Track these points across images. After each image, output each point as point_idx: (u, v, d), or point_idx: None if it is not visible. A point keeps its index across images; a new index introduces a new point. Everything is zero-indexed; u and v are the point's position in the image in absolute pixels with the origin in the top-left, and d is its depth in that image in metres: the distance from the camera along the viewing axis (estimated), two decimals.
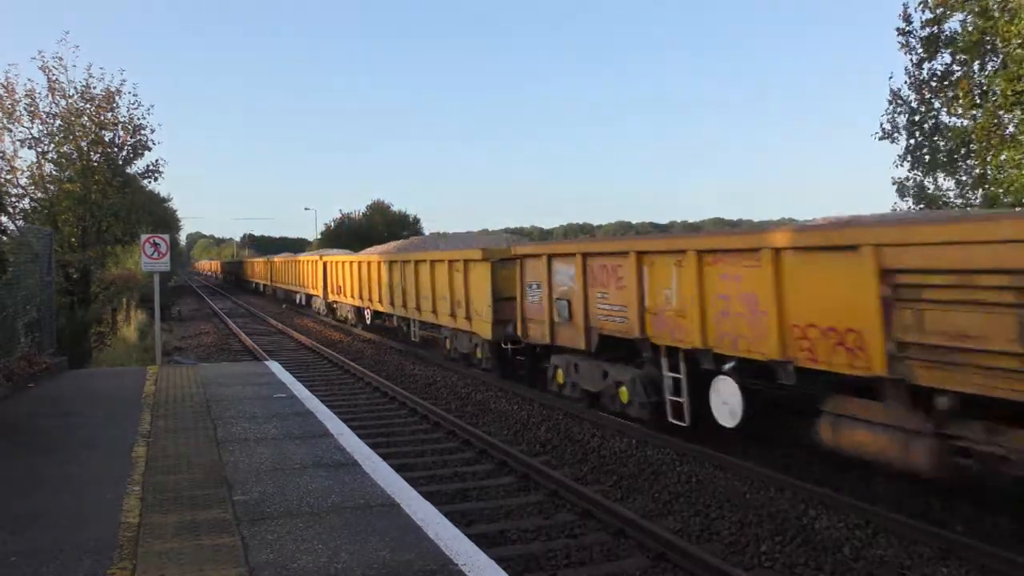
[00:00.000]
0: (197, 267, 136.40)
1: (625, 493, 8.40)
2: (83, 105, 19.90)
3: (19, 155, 19.57)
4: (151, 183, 24.09)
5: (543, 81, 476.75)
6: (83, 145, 19.94)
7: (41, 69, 19.34)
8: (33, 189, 19.66)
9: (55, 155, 19.85)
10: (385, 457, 7.25)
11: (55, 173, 19.97)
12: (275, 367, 12.96)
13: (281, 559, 4.37)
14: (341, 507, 5.32)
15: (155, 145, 21.55)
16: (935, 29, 17.21)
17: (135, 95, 21.78)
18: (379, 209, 67.11)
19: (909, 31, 17.74)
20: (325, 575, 4.15)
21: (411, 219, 68.14)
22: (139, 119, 20.89)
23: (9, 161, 19.34)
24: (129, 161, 21.34)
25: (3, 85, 18.98)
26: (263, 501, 5.46)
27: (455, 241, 21.80)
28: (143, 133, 21.00)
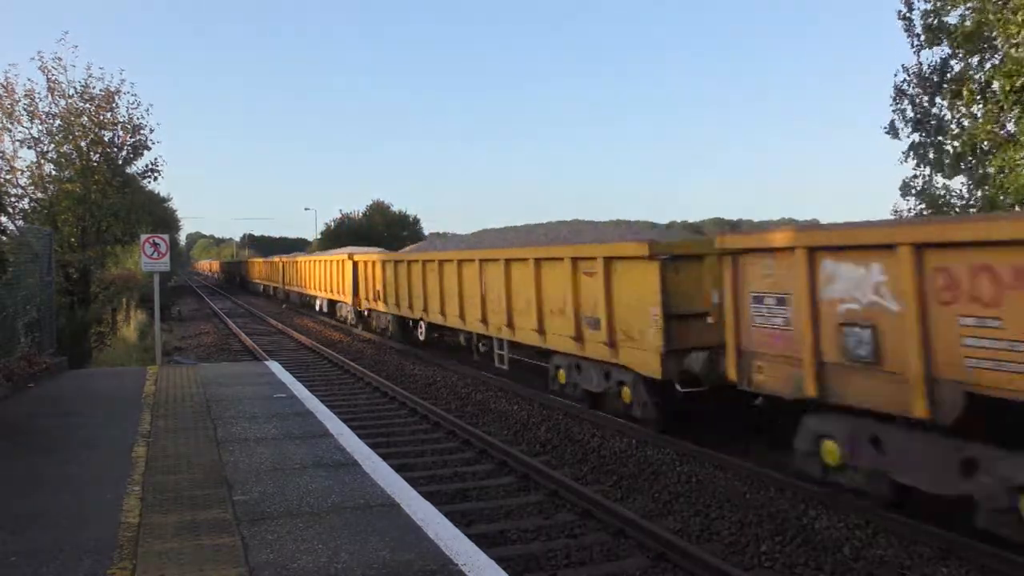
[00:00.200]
0: (197, 267, 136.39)
1: (625, 493, 8.40)
2: (83, 105, 19.88)
3: (19, 155, 19.58)
4: (151, 183, 24.10)
5: (543, 81, 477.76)
6: (83, 145, 19.92)
7: (40, 69, 19.33)
8: (33, 189, 19.65)
9: (55, 155, 19.83)
10: (385, 457, 7.26)
11: (55, 173, 19.96)
12: (275, 367, 12.97)
13: (281, 559, 4.37)
14: (341, 507, 5.32)
15: (154, 145, 21.61)
16: (934, 20, 17.21)
17: (134, 95, 21.84)
18: (379, 209, 67.27)
19: (910, 18, 17.72)
20: (325, 575, 4.15)
21: (411, 219, 68.31)
22: (138, 119, 20.90)
23: (9, 161, 19.34)
24: (129, 161, 21.34)
25: (3, 85, 18.97)
26: (263, 501, 5.46)
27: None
28: (142, 133, 21.03)
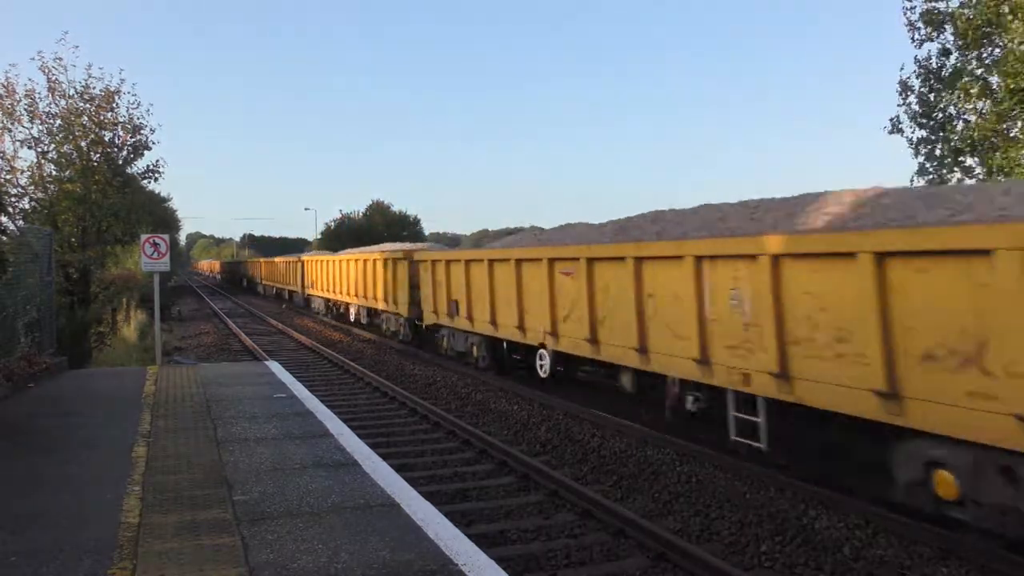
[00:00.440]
0: (198, 267, 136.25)
1: (625, 493, 8.40)
2: (83, 105, 19.88)
3: (19, 155, 19.58)
4: (151, 183, 24.10)
5: (543, 81, 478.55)
6: (83, 145, 19.92)
7: (41, 69, 19.33)
8: (33, 189, 19.64)
9: (55, 155, 19.83)
10: (385, 457, 7.26)
11: (55, 173, 19.95)
12: (275, 367, 12.96)
13: (281, 559, 4.37)
14: (341, 507, 5.32)
15: (155, 145, 21.59)
16: (935, 5, 17.26)
17: (135, 95, 21.85)
18: (379, 209, 67.23)
19: (913, 6, 17.76)
20: (325, 575, 4.15)
21: (411, 219, 68.27)
22: (139, 119, 20.90)
23: (9, 161, 19.33)
24: (129, 161, 21.33)
25: (3, 85, 18.99)
26: (263, 501, 5.46)
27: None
28: (143, 133, 21.02)
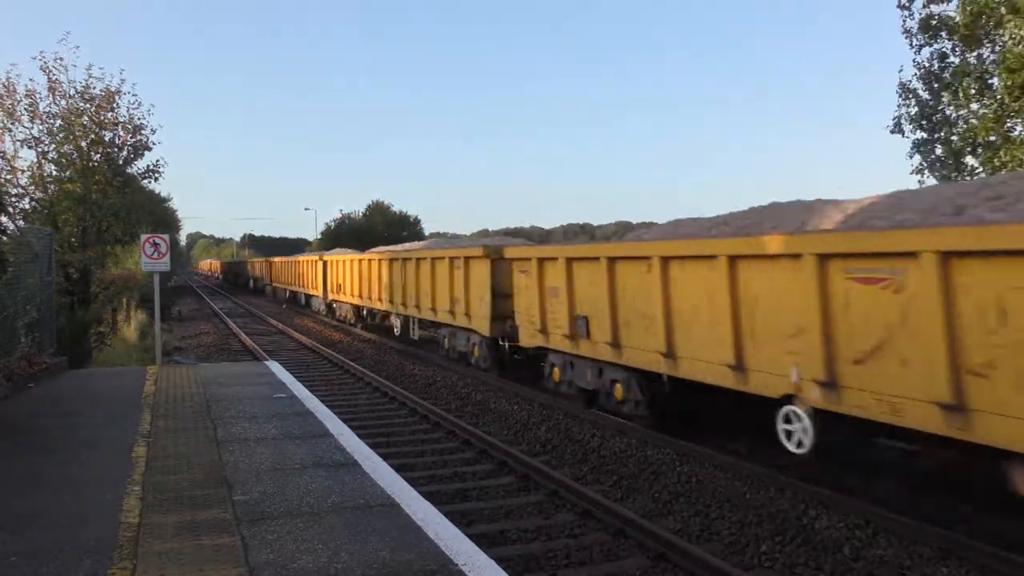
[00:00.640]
0: (200, 267, 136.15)
1: (625, 493, 8.40)
2: (83, 105, 19.90)
3: (19, 155, 19.61)
4: (151, 183, 24.13)
5: (543, 81, 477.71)
6: (83, 145, 19.94)
7: (42, 69, 19.35)
8: (33, 189, 19.66)
9: (55, 155, 19.84)
10: (385, 457, 7.25)
11: (55, 173, 19.96)
12: (275, 367, 12.97)
13: (281, 559, 4.37)
14: (341, 507, 5.32)
15: (155, 145, 21.62)
16: (931, 9, 17.23)
17: (135, 95, 21.85)
18: (379, 209, 67.25)
19: (907, 6, 17.72)
20: (325, 575, 4.15)
21: (411, 219, 68.30)
22: (139, 119, 20.93)
23: (9, 161, 19.35)
24: (129, 161, 21.36)
25: (4, 85, 19.01)
26: (263, 501, 5.46)
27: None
28: (143, 133, 21.05)
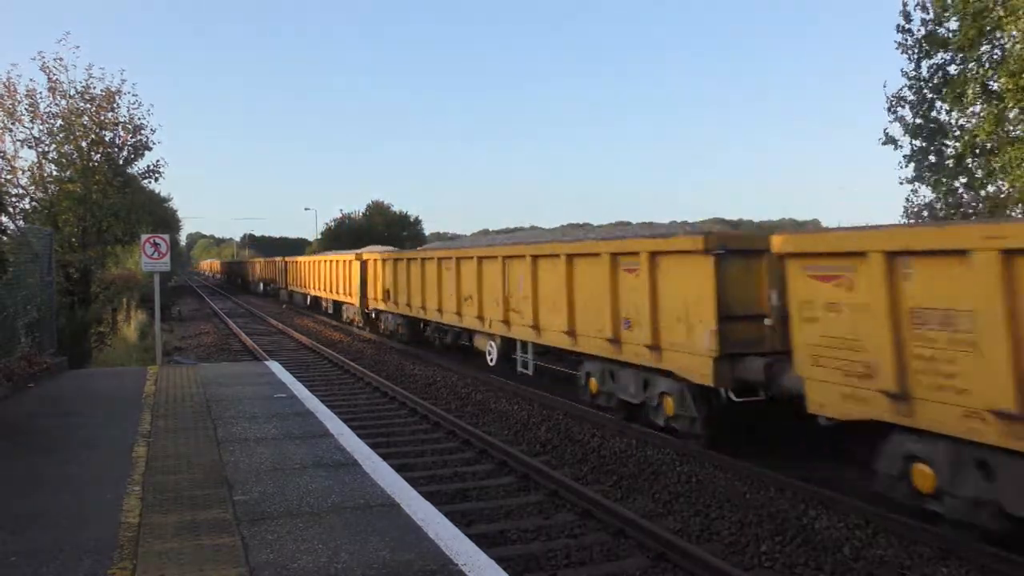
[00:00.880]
0: (200, 267, 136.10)
1: (625, 493, 8.40)
2: (83, 105, 19.92)
3: (20, 155, 19.63)
4: (151, 183, 24.13)
5: (543, 81, 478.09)
6: (83, 145, 19.96)
7: (42, 69, 19.40)
8: (33, 189, 19.68)
9: (55, 155, 19.86)
10: (385, 457, 7.25)
11: (56, 173, 19.98)
12: (275, 367, 12.96)
13: (281, 559, 4.37)
14: (341, 507, 5.32)
15: (155, 145, 21.65)
16: (933, 28, 17.14)
17: (135, 95, 21.88)
18: (379, 209, 67.28)
19: (908, 29, 17.64)
20: (325, 575, 4.15)
21: (411, 219, 68.33)
22: (139, 119, 20.95)
23: (10, 161, 19.37)
24: (129, 161, 21.38)
25: (4, 85, 19.02)
26: (263, 501, 5.46)
27: None
28: (143, 133, 21.07)
